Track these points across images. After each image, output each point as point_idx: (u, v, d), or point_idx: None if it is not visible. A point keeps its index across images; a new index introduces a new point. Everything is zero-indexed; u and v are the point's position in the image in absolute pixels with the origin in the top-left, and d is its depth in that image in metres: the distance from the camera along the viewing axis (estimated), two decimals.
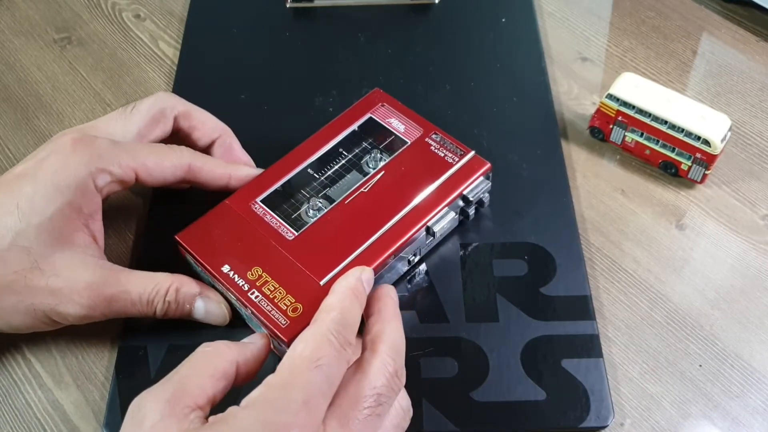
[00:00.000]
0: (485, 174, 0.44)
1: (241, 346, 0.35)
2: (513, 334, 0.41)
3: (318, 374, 0.32)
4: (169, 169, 0.41)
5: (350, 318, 0.35)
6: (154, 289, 0.39)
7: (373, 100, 0.48)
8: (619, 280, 0.44)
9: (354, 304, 0.36)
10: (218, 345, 0.34)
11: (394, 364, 0.34)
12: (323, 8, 0.59)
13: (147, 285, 0.39)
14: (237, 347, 0.35)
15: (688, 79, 0.54)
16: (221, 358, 0.34)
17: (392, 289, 0.39)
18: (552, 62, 0.55)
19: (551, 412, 0.38)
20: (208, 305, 0.40)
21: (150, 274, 0.39)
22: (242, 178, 0.44)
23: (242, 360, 0.34)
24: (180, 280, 0.39)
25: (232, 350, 0.34)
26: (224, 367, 0.33)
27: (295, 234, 0.41)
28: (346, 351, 0.33)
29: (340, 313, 0.35)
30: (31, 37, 0.59)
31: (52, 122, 0.53)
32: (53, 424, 0.39)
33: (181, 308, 0.39)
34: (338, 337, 0.33)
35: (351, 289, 0.36)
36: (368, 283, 0.38)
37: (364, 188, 0.43)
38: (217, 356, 0.34)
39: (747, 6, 0.58)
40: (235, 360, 0.34)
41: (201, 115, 0.45)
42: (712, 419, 0.38)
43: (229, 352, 0.34)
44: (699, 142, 0.45)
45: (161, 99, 0.44)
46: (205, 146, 0.45)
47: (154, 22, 0.60)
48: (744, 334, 0.41)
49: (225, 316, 0.41)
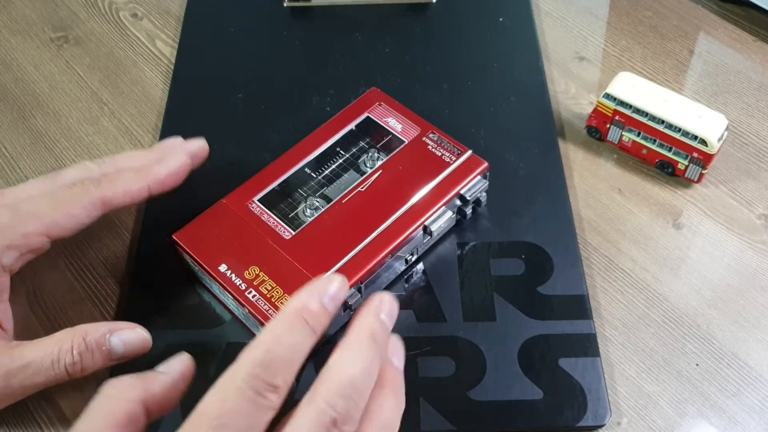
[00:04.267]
0: (482, 173, 0.44)
1: (149, 380, 0.32)
2: (510, 333, 0.41)
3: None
4: (82, 215, 0.38)
5: (281, 352, 0.29)
6: (55, 348, 0.35)
7: (370, 99, 0.48)
8: (616, 279, 0.44)
9: (295, 331, 0.30)
10: (122, 385, 0.31)
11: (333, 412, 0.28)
12: (320, 7, 0.59)
13: (46, 348, 0.35)
14: (142, 383, 0.32)
15: (685, 78, 0.54)
16: (123, 401, 0.31)
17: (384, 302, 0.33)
18: (549, 62, 0.55)
19: (548, 411, 0.38)
20: (123, 336, 0.37)
21: (46, 338, 0.36)
22: (162, 180, 0.40)
23: (150, 396, 0.31)
24: (83, 328, 0.36)
25: (136, 389, 0.31)
26: (127, 411, 0.30)
27: (292, 233, 0.41)
28: (265, 398, 0.28)
29: (265, 351, 0.29)
30: (27, 36, 0.59)
31: (49, 121, 0.53)
32: (50, 424, 0.39)
33: (98, 353, 0.36)
34: (255, 384, 0.28)
35: (295, 311, 0.31)
36: (332, 300, 0.32)
37: (362, 187, 0.43)
38: (118, 401, 0.31)
39: (744, 6, 0.58)
40: (140, 399, 0.31)
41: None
42: (709, 418, 0.39)
43: (133, 392, 0.31)
44: (696, 142, 0.46)
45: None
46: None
47: (151, 21, 0.60)
48: (741, 333, 0.41)
49: (146, 340, 0.37)
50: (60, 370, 0.35)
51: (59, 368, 0.35)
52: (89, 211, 0.38)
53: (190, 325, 0.41)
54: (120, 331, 0.37)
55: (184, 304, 0.42)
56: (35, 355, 0.35)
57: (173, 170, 0.41)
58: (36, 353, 0.35)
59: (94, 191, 0.39)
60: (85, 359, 0.36)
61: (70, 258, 0.45)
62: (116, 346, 0.36)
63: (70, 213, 0.38)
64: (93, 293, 0.44)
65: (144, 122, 0.52)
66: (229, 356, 0.40)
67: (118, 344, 0.36)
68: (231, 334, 0.41)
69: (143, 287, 0.43)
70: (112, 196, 0.39)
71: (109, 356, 0.36)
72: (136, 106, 0.53)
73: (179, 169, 0.41)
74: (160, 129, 0.51)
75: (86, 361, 0.36)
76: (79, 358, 0.35)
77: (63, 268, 0.45)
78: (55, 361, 0.35)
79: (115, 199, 0.39)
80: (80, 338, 0.36)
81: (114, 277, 0.44)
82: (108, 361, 0.37)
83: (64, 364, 0.35)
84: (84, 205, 0.38)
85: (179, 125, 0.51)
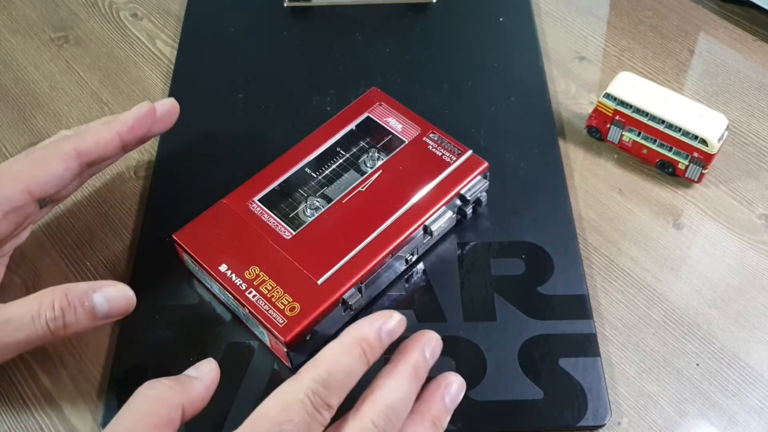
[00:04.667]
0: (483, 173, 0.44)
1: (186, 386, 0.33)
2: (510, 333, 0.41)
3: None
4: (59, 168, 0.38)
5: (340, 374, 0.31)
6: (35, 304, 0.35)
7: (370, 99, 0.48)
8: (617, 279, 0.44)
9: (353, 358, 0.32)
10: (162, 388, 0.32)
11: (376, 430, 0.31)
12: (321, 7, 0.59)
13: (26, 304, 0.35)
14: (182, 388, 0.33)
15: (686, 78, 0.54)
16: (165, 403, 0.31)
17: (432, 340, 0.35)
18: (549, 61, 0.55)
19: (549, 411, 0.38)
20: (107, 293, 0.36)
21: (28, 296, 0.36)
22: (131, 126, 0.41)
23: (188, 401, 0.32)
24: (65, 286, 0.36)
25: (177, 393, 0.32)
26: (168, 414, 0.31)
27: (292, 233, 0.41)
28: (320, 414, 0.30)
29: (326, 372, 0.31)
30: (28, 36, 0.59)
31: (49, 121, 0.53)
32: (50, 424, 0.39)
33: (80, 310, 0.35)
34: (314, 399, 0.30)
35: (357, 339, 0.33)
36: (389, 335, 0.33)
37: (362, 187, 0.43)
38: (160, 402, 0.31)
39: (744, 5, 0.58)
40: (180, 404, 0.32)
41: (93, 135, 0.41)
42: (709, 418, 0.39)
43: (174, 396, 0.32)
44: (696, 142, 0.46)
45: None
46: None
47: (151, 21, 0.60)
48: (741, 333, 0.41)
49: (129, 297, 0.37)
50: (41, 325, 0.35)
51: (40, 323, 0.35)
52: (66, 164, 0.39)
53: (190, 325, 0.41)
54: (103, 289, 0.36)
55: (184, 304, 0.42)
56: (15, 312, 0.35)
57: (139, 115, 0.41)
58: (16, 310, 0.35)
59: (66, 144, 0.39)
60: (67, 315, 0.35)
61: (70, 257, 0.45)
62: (99, 303, 0.36)
63: (46, 167, 0.38)
64: None
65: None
66: (229, 356, 0.40)
67: (102, 301, 0.36)
68: (231, 334, 0.41)
69: (143, 287, 0.43)
70: (85, 147, 0.40)
71: (92, 314, 0.36)
72: None
73: (147, 113, 0.42)
74: None
75: (69, 317, 0.35)
76: (60, 313, 0.35)
77: (63, 268, 0.45)
78: (36, 316, 0.35)
79: (88, 149, 0.40)
80: (62, 294, 0.35)
81: (114, 277, 0.44)
82: (92, 320, 0.36)
83: (45, 319, 0.35)
84: (59, 158, 0.39)
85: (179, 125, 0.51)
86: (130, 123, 0.41)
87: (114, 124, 0.41)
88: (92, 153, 0.40)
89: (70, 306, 0.35)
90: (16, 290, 0.43)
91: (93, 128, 0.41)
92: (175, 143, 0.50)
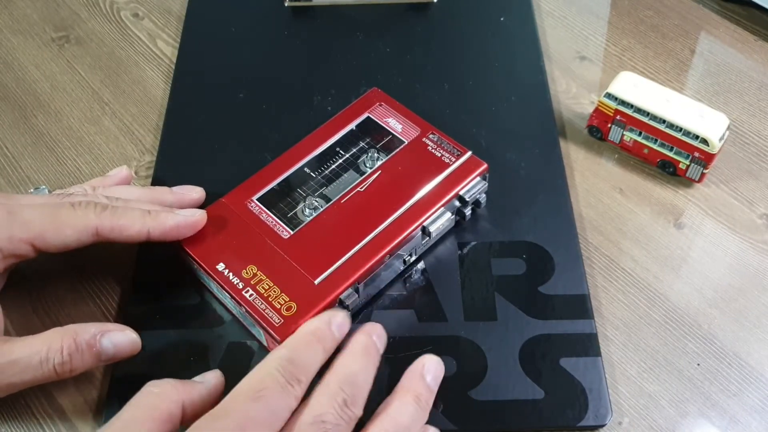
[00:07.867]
0: (482, 174, 0.44)
1: (188, 386, 0.35)
2: (511, 333, 0.41)
3: (257, 404, 0.32)
4: (71, 237, 0.38)
5: (302, 357, 0.34)
6: (44, 347, 0.35)
7: (370, 99, 0.48)
8: (618, 279, 0.44)
9: (311, 346, 0.35)
10: (164, 386, 0.34)
11: (343, 394, 0.33)
12: (322, 7, 0.59)
13: (34, 345, 0.35)
14: (184, 387, 0.34)
15: (687, 78, 0.54)
16: (166, 399, 0.33)
17: (376, 327, 0.37)
18: (550, 61, 0.55)
19: (549, 410, 0.38)
20: (114, 338, 0.37)
21: (36, 336, 0.36)
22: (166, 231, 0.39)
23: (188, 401, 0.34)
24: (72, 328, 0.36)
25: (179, 391, 0.34)
26: (169, 410, 0.33)
27: (290, 233, 0.41)
28: (292, 387, 0.33)
29: (288, 351, 0.34)
30: (29, 36, 0.59)
31: (50, 121, 0.53)
32: (52, 424, 0.39)
33: (87, 354, 0.36)
34: (284, 373, 0.33)
35: (310, 332, 0.36)
36: (338, 328, 0.36)
37: (361, 187, 0.43)
38: (161, 397, 0.33)
39: (745, 5, 0.58)
40: (181, 401, 0.33)
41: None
42: (710, 418, 0.38)
43: (175, 394, 0.34)
44: (697, 141, 0.45)
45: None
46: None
47: (152, 21, 0.60)
48: (742, 333, 0.41)
49: (135, 342, 0.38)
50: (48, 369, 0.35)
51: (48, 367, 0.35)
52: (80, 235, 0.38)
53: (190, 325, 0.41)
54: (110, 333, 0.37)
55: (184, 304, 0.42)
56: (23, 353, 0.35)
57: (181, 224, 0.40)
58: (24, 351, 0.35)
59: (93, 218, 0.38)
60: (74, 359, 0.36)
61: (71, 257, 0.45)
62: (107, 347, 0.37)
63: (60, 230, 0.38)
64: (94, 293, 0.44)
65: (145, 122, 0.52)
66: (229, 356, 0.40)
67: (109, 346, 0.37)
68: (231, 334, 0.41)
69: (144, 287, 0.43)
70: (109, 229, 0.38)
71: (98, 357, 0.37)
72: (138, 106, 0.53)
73: (192, 224, 0.40)
74: (161, 129, 0.51)
75: (76, 361, 0.36)
76: (68, 359, 0.36)
77: (64, 267, 0.45)
78: (44, 360, 0.35)
79: (111, 232, 0.39)
80: (70, 338, 0.36)
81: (115, 277, 0.44)
82: (97, 362, 0.37)
83: (53, 363, 0.35)
84: (77, 228, 0.38)
85: (180, 125, 0.51)
86: (167, 228, 0.39)
87: (150, 220, 0.39)
88: (112, 237, 0.39)
89: (78, 350, 0.36)
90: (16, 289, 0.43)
91: (128, 215, 0.39)
92: (175, 142, 0.50)
